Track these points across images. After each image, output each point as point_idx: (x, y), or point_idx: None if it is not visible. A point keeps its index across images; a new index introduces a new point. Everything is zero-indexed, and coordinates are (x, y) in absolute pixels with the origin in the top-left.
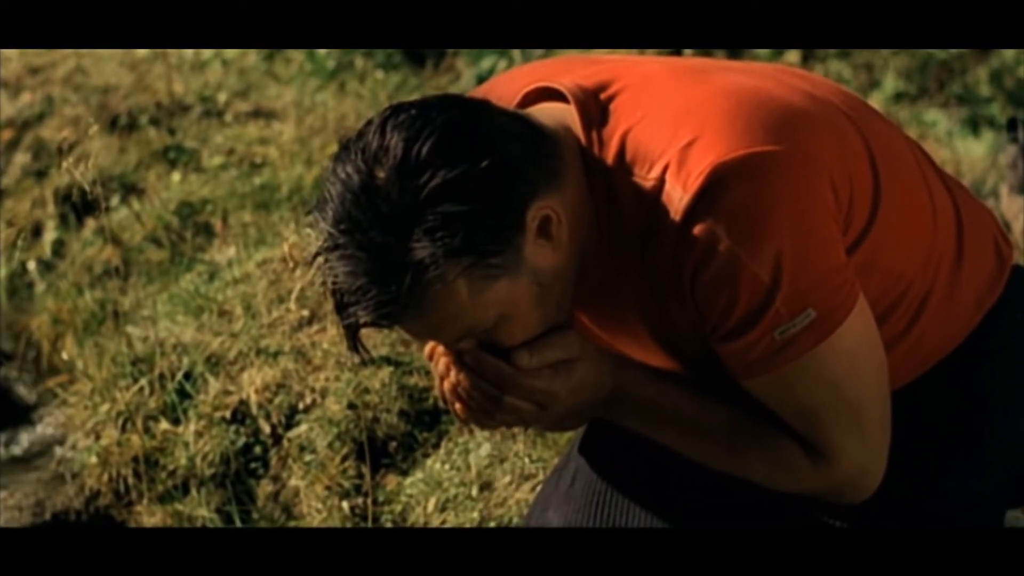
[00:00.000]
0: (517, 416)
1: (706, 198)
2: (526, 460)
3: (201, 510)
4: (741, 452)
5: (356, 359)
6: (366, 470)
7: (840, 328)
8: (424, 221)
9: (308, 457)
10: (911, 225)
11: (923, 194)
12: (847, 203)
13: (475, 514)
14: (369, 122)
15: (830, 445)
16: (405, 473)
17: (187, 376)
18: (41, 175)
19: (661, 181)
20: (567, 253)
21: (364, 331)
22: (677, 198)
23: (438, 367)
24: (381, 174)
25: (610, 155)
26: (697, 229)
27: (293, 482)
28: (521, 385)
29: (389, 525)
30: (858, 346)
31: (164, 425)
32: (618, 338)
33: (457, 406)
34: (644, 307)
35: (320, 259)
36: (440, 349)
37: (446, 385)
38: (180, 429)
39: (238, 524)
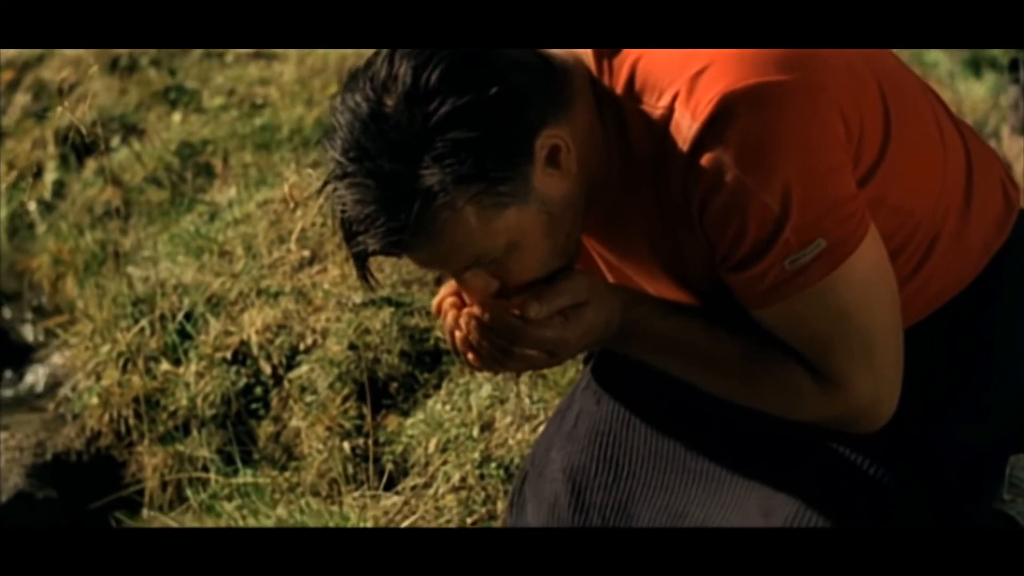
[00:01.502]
0: (529, 364)
1: (715, 127)
2: (527, 401)
3: (202, 450)
4: (754, 382)
5: (362, 293)
6: (367, 411)
7: (851, 257)
8: (433, 148)
9: (309, 398)
10: (921, 164)
11: (934, 134)
12: (857, 136)
13: (476, 455)
14: (377, 52)
15: (841, 374)
16: (406, 414)
17: (188, 317)
18: (41, 116)
19: (670, 110)
20: (576, 182)
21: (371, 262)
22: (686, 127)
23: (447, 320)
24: (390, 102)
25: (620, 84)
26: (706, 158)
27: (294, 423)
28: (532, 336)
29: (390, 466)
30: (869, 276)
31: (165, 366)
32: (629, 267)
33: (469, 356)
34: (654, 237)
35: (329, 188)
36: (448, 302)
37: (457, 336)
38: (181, 370)
39: (239, 465)
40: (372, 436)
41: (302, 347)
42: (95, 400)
